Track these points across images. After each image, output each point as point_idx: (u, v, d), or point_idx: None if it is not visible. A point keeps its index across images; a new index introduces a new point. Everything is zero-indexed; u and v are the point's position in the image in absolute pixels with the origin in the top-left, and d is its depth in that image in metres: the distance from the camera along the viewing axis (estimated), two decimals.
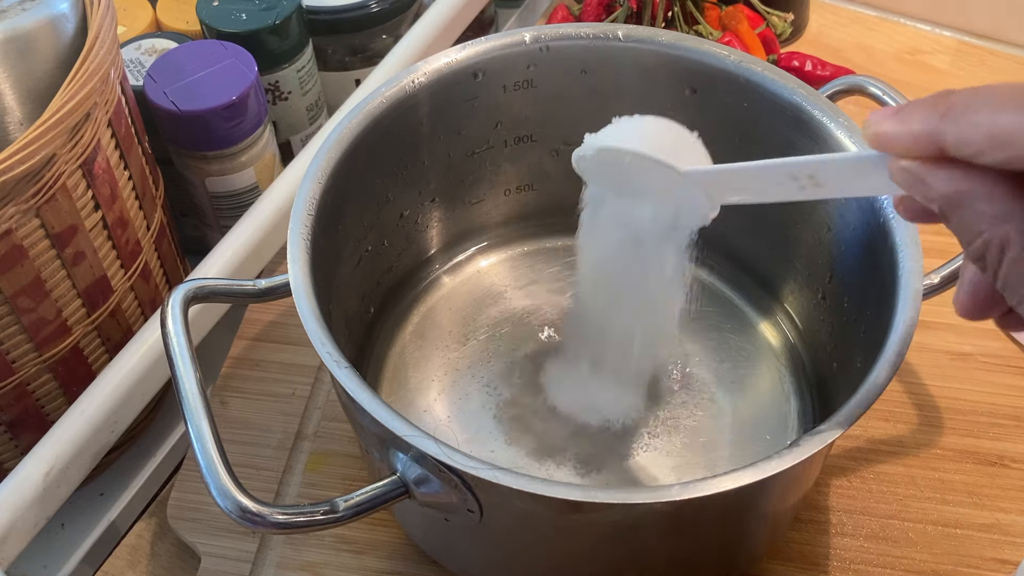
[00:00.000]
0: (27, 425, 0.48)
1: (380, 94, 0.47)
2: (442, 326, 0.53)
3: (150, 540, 0.51)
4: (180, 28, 0.62)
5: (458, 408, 0.50)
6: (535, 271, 0.56)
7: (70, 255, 0.45)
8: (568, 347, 0.50)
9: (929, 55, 0.75)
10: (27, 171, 0.40)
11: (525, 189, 0.55)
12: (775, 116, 0.47)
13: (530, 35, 0.49)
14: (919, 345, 0.54)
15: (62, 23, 0.44)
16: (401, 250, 0.53)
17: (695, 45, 0.48)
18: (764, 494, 0.40)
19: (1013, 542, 0.47)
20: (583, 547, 0.40)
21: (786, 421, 0.49)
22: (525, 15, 0.79)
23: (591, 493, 0.34)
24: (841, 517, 0.48)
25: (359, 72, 0.65)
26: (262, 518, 0.36)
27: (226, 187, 0.57)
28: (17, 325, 0.44)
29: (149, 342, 0.49)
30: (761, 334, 0.53)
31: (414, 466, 0.37)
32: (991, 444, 0.51)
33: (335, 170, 0.44)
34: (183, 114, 0.53)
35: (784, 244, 0.51)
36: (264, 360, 0.55)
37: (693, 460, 0.48)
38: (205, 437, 0.37)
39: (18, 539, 0.44)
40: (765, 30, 0.70)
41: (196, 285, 0.42)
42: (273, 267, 0.57)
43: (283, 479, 0.50)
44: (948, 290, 0.44)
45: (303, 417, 0.52)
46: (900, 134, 0.30)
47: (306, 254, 0.41)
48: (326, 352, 0.38)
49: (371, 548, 0.47)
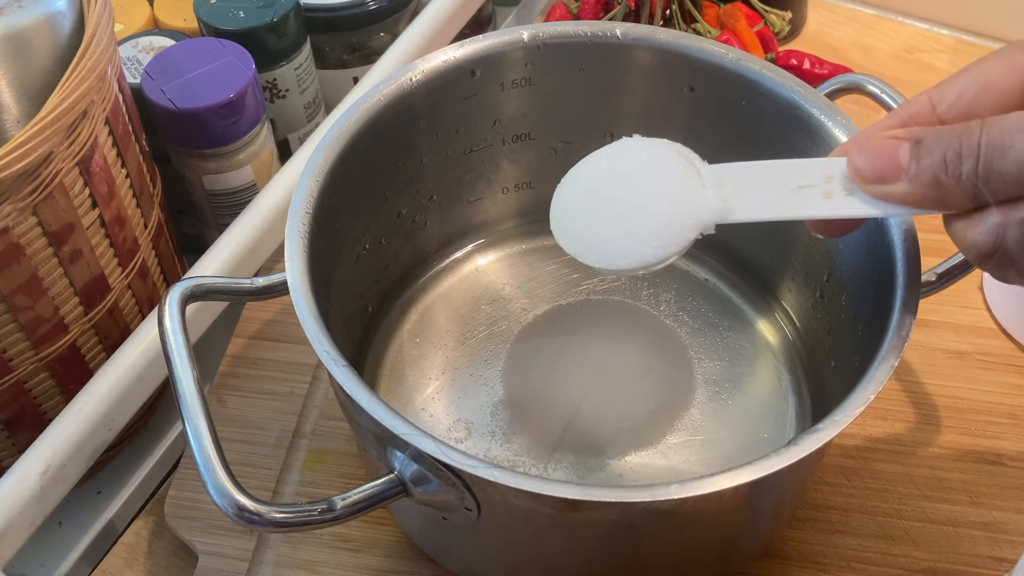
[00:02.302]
0: (24, 423, 0.48)
1: (378, 92, 0.46)
2: (440, 324, 0.53)
3: (148, 538, 0.51)
4: (178, 26, 0.61)
5: (456, 406, 0.50)
6: (533, 269, 0.56)
7: (67, 253, 0.45)
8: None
9: (927, 53, 0.75)
10: (24, 169, 0.39)
11: (523, 187, 0.55)
12: (773, 114, 0.47)
13: (528, 33, 0.49)
14: (917, 343, 0.54)
15: (59, 20, 0.44)
16: (399, 248, 0.53)
17: (693, 43, 0.48)
18: (762, 492, 0.40)
19: (1010, 540, 0.47)
20: (581, 546, 0.40)
21: (784, 419, 0.49)
22: (523, 13, 0.79)
23: (589, 492, 0.34)
24: (839, 515, 0.48)
25: (357, 70, 0.65)
26: (260, 516, 0.36)
27: (224, 185, 0.57)
28: (14, 323, 0.44)
29: (146, 340, 0.49)
30: (759, 332, 0.53)
31: (412, 465, 0.37)
32: (989, 442, 0.51)
33: (333, 168, 0.44)
34: (180, 112, 0.53)
35: (782, 242, 0.51)
36: (262, 358, 0.55)
37: (691, 459, 0.48)
38: (203, 435, 0.37)
39: (15, 537, 0.44)
40: (763, 28, 0.70)
41: (194, 283, 0.42)
42: (271, 265, 0.57)
43: (281, 477, 0.50)
44: (946, 288, 0.44)
45: (301, 415, 0.52)
46: (938, 198, 0.30)
47: (304, 252, 0.41)
48: (324, 350, 0.38)
49: (369, 546, 0.47)
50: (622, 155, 0.39)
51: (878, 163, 0.32)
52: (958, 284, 0.44)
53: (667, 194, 0.37)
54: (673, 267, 0.55)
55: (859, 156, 0.33)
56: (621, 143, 0.39)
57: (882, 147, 0.33)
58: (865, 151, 0.33)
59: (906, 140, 0.32)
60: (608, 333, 0.53)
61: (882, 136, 0.33)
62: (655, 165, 0.38)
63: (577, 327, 0.53)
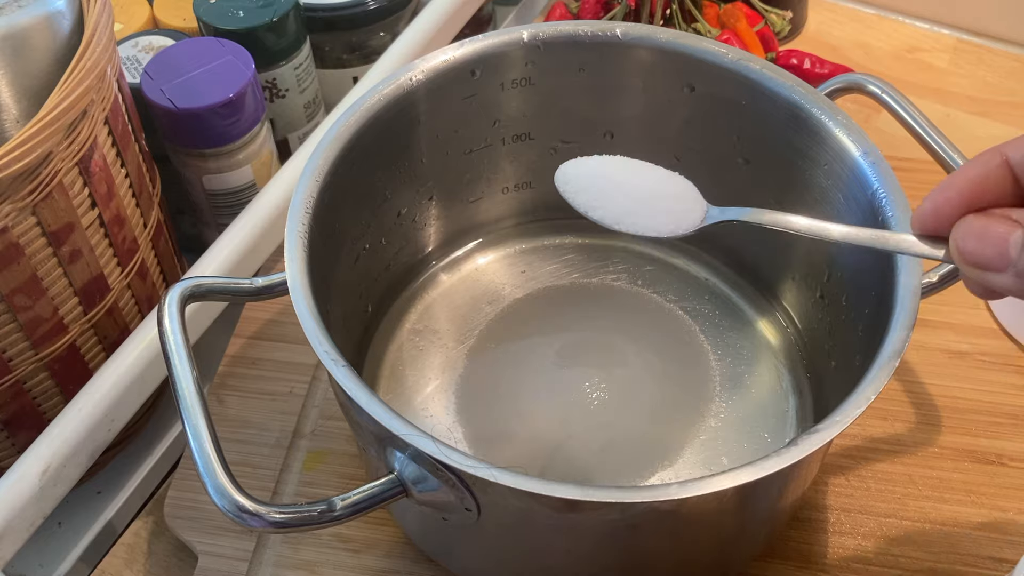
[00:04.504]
0: (24, 423, 0.48)
1: (377, 92, 0.46)
2: (440, 324, 0.53)
3: (147, 539, 0.51)
4: (177, 25, 0.61)
5: (456, 406, 0.50)
6: (533, 268, 0.56)
7: (67, 253, 0.45)
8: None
9: (928, 53, 0.75)
10: (23, 168, 0.39)
11: (523, 187, 0.55)
12: (773, 114, 0.47)
13: (528, 33, 0.49)
14: (917, 343, 0.54)
15: (58, 20, 0.43)
16: (399, 248, 0.53)
17: (693, 43, 0.48)
18: (762, 493, 0.40)
19: (1011, 541, 0.47)
20: (581, 546, 0.40)
21: (784, 419, 0.49)
22: (523, 12, 0.79)
23: (589, 492, 0.34)
24: (839, 516, 0.48)
25: (357, 69, 0.65)
26: (259, 517, 0.36)
27: (223, 185, 0.57)
28: (14, 323, 0.44)
29: (146, 340, 0.48)
30: (760, 332, 0.53)
31: (412, 465, 0.37)
32: (989, 443, 0.51)
33: (332, 168, 0.44)
34: (180, 111, 0.53)
35: (782, 243, 0.50)
36: (261, 358, 0.55)
37: (691, 459, 0.48)
38: (202, 436, 0.37)
39: (15, 537, 0.44)
40: (763, 28, 0.70)
41: (193, 283, 0.42)
42: (270, 265, 0.57)
43: (280, 478, 0.50)
44: (946, 288, 0.44)
45: (300, 415, 0.52)
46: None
47: (303, 252, 0.41)
48: (323, 350, 0.38)
49: (369, 547, 0.47)
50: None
51: (987, 253, 0.32)
52: (958, 284, 0.44)
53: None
54: (673, 267, 0.55)
55: (966, 240, 0.32)
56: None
57: (993, 235, 0.32)
58: (974, 234, 0.32)
59: (1019, 228, 0.31)
60: (609, 332, 0.53)
61: (997, 219, 0.32)
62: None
63: (577, 326, 0.53)
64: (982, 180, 0.33)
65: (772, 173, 0.49)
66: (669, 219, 0.41)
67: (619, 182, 0.42)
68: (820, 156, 0.46)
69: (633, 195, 0.41)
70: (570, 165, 0.43)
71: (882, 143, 0.46)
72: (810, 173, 0.47)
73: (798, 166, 0.47)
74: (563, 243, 0.57)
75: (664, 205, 0.41)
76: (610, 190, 0.42)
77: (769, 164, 0.49)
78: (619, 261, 0.56)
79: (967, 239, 0.32)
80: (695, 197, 0.42)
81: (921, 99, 0.70)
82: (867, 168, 0.43)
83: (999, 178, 0.33)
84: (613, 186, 0.42)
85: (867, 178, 0.43)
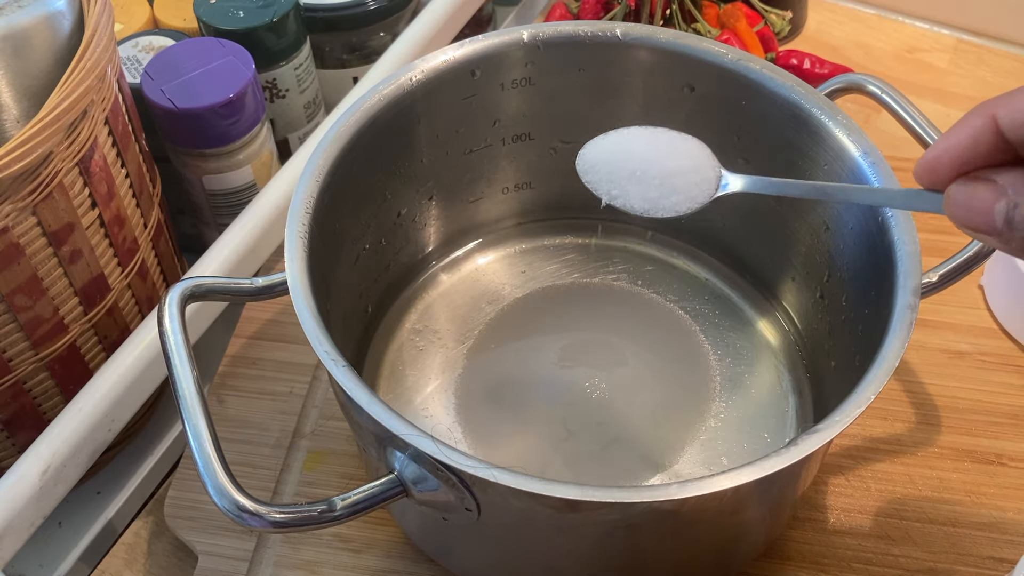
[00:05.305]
0: (24, 423, 0.48)
1: (378, 92, 0.46)
2: (440, 324, 0.53)
3: (147, 539, 0.51)
4: (177, 25, 0.61)
5: (456, 406, 0.50)
6: (533, 268, 0.56)
7: (67, 253, 0.45)
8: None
9: (928, 53, 0.75)
10: (23, 168, 0.39)
11: (523, 187, 0.55)
12: (773, 114, 0.47)
13: (528, 33, 0.49)
14: (917, 343, 0.54)
15: (58, 20, 0.43)
16: (399, 248, 0.53)
17: (693, 43, 0.48)
18: (762, 493, 0.40)
19: (1011, 540, 0.47)
20: (581, 546, 0.40)
21: (784, 419, 0.49)
22: (523, 13, 0.79)
23: (589, 492, 0.34)
24: (839, 516, 0.48)
25: (357, 70, 0.65)
26: (259, 517, 0.36)
27: (223, 185, 0.57)
28: (14, 323, 0.44)
29: (146, 340, 0.49)
30: (760, 332, 0.53)
31: (412, 465, 0.37)
32: (989, 442, 0.51)
33: (333, 168, 0.44)
34: (180, 112, 0.53)
35: (782, 243, 0.51)
36: (261, 358, 0.55)
37: (691, 459, 0.48)
38: (202, 436, 0.37)
39: (15, 537, 0.44)
40: (763, 28, 0.70)
41: (193, 283, 0.42)
42: (270, 265, 0.57)
43: (280, 478, 0.50)
44: (946, 288, 0.44)
45: (300, 415, 0.52)
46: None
47: (303, 252, 0.41)
48: (323, 350, 0.38)
49: (369, 547, 0.47)
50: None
51: (974, 220, 0.32)
52: (958, 284, 0.44)
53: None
54: (673, 267, 0.55)
55: (957, 207, 0.33)
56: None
57: (979, 202, 0.32)
58: (961, 204, 0.32)
59: (1003, 198, 0.31)
60: (609, 332, 0.53)
61: (982, 186, 0.32)
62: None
63: (577, 326, 0.53)
64: (972, 142, 0.33)
65: (772, 173, 0.48)
66: (684, 197, 0.41)
67: (632, 169, 0.41)
68: (820, 156, 0.46)
69: (647, 176, 0.41)
70: (588, 150, 0.43)
71: (882, 143, 0.46)
72: (810, 173, 0.47)
73: (798, 166, 0.47)
74: (563, 243, 0.57)
75: (679, 182, 0.41)
76: (625, 176, 0.41)
77: (769, 164, 0.49)
78: (619, 261, 0.56)
79: (955, 208, 0.32)
80: (712, 165, 0.41)
81: (921, 99, 0.70)
82: (867, 168, 0.43)
83: (988, 137, 0.33)
84: (627, 173, 0.42)
85: (867, 178, 0.43)
